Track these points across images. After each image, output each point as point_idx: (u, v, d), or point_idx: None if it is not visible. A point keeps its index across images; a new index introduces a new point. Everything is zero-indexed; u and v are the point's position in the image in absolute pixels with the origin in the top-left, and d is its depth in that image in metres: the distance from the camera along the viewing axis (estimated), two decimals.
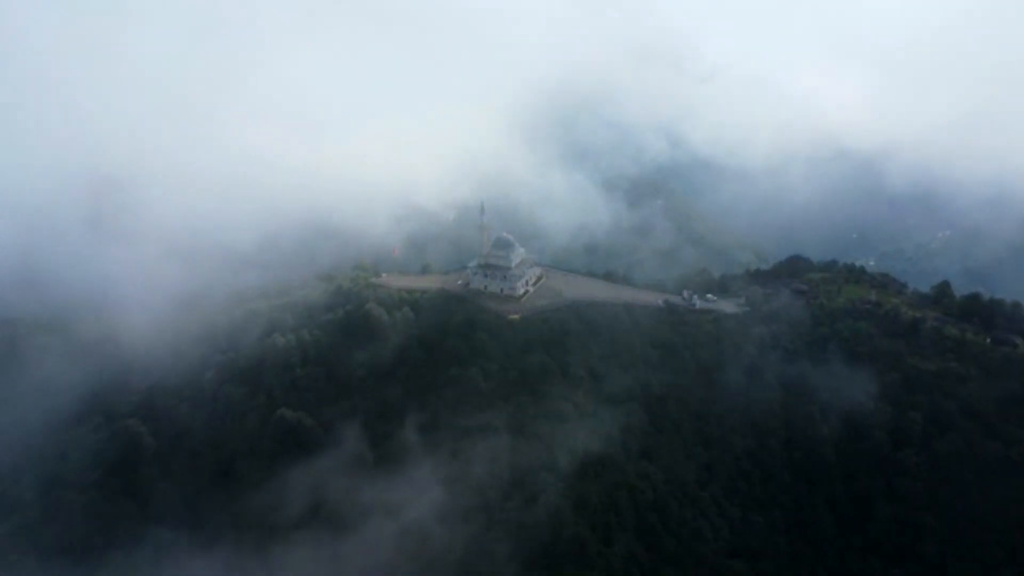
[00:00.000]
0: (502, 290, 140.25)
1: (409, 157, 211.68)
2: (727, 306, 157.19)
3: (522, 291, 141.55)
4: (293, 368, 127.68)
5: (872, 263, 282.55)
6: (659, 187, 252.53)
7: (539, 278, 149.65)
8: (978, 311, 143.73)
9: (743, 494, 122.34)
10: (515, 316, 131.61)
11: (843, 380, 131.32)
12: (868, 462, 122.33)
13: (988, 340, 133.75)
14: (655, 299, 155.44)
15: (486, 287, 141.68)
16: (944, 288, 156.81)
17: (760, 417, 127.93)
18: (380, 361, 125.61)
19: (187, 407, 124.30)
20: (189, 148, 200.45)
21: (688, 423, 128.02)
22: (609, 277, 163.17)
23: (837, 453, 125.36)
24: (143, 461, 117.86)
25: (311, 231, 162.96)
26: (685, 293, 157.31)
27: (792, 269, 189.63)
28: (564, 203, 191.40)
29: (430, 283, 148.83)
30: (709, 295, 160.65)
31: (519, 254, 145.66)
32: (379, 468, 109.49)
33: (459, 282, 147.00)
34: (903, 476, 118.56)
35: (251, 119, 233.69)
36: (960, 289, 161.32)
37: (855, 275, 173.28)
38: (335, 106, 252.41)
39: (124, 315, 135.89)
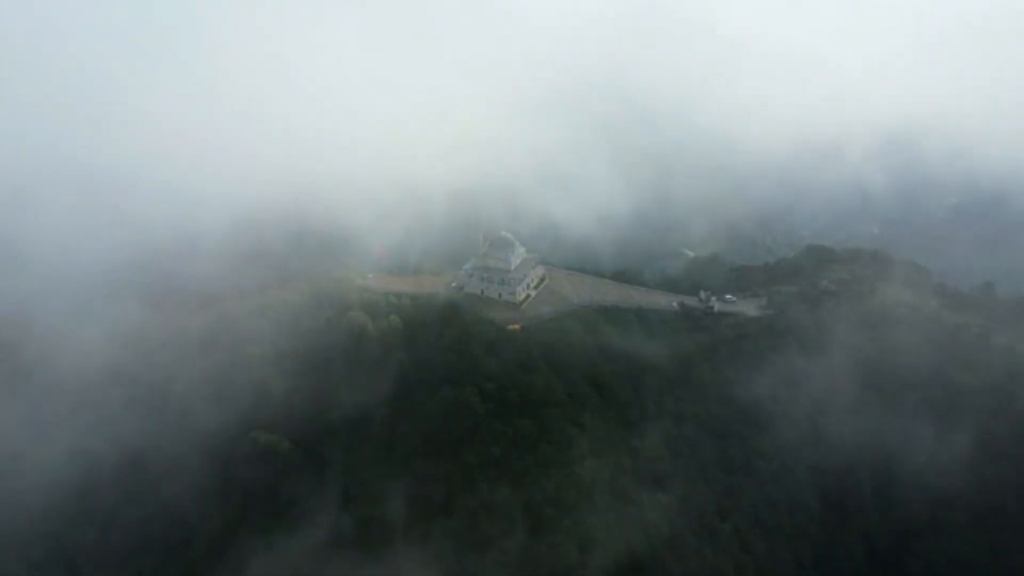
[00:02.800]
0: (500, 295, 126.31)
1: (405, 139, 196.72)
2: (748, 308, 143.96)
3: (523, 296, 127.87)
4: (268, 383, 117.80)
5: (876, 230, 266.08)
6: (678, 171, 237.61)
7: (541, 280, 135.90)
8: None
9: (768, 525, 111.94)
10: (515, 326, 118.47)
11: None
12: (908, 490, 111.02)
13: None
14: (669, 301, 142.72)
15: (483, 291, 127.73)
16: (987, 290, 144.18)
17: (786, 439, 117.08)
18: (363, 378, 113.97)
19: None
20: (151, 128, 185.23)
21: (707, 445, 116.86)
22: (619, 276, 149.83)
23: (872, 480, 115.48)
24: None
25: (292, 222, 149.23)
26: (702, 294, 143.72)
27: (815, 261, 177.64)
28: (576, 191, 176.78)
29: (422, 286, 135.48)
30: (728, 295, 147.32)
31: (519, 254, 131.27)
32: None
33: (453, 284, 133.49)
34: (947, 506, 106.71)
35: (220, 95, 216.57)
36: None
37: (885, 269, 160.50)
38: (321, 80, 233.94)
39: (69, 317, 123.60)
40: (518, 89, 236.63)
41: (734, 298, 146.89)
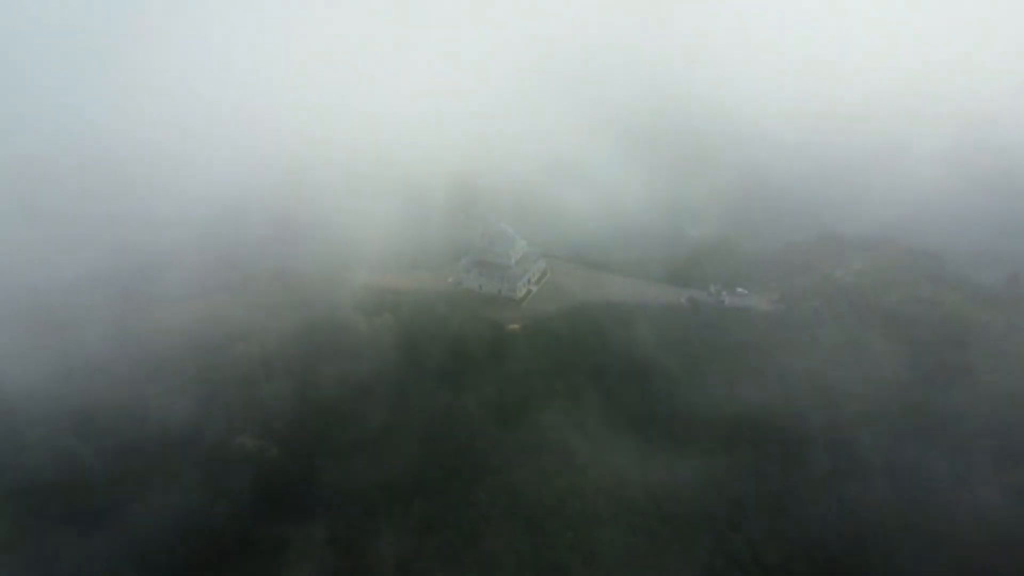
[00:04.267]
0: (500, 291, 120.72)
1: (400, 125, 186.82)
2: (760, 302, 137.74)
3: (523, 292, 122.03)
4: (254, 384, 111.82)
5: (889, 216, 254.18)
6: (692, 155, 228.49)
7: (543, 275, 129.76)
8: None
9: (784, 536, 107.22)
10: (515, 326, 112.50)
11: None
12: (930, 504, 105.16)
13: None
14: (678, 296, 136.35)
15: (481, 287, 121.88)
16: (1014, 282, 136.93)
17: (802, 444, 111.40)
18: (355, 379, 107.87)
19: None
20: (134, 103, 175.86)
21: (716, 451, 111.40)
22: (625, 268, 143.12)
23: (893, 487, 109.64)
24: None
25: (281, 215, 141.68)
26: (712, 288, 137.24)
27: (828, 250, 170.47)
28: (582, 179, 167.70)
29: (418, 282, 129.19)
30: (740, 289, 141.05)
31: (519, 248, 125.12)
32: None
33: (450, 280, 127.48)
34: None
35: (207, 70, 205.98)
36: None
37: (902, 259, 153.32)
38: (313, 65, 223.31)
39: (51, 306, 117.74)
40: (521, 72, 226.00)
41: (745, 291, 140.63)
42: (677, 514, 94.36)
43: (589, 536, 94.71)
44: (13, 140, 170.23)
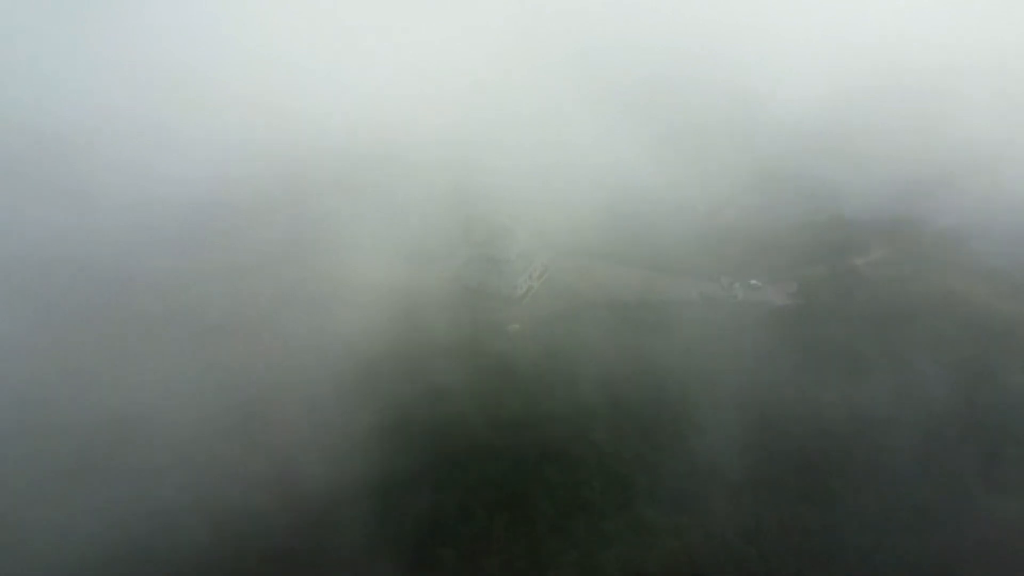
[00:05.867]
0: (499, 288, 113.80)
1: (389, 99, 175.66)
2: (776, 295, 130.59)
3: (523, 289, 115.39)
4: None
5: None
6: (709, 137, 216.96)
7: (545, 269, 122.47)
8: None
9: (798, 550, 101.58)
10: (515, 326, 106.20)
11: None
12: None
13: None
14: (688, 290, 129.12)
15: (479, 284, 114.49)
16: None
17: (823, 454, 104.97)
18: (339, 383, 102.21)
19: None
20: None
21: (728, 463, 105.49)
22: (633, 260, 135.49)
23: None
24: None
25: (263, 201, 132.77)
26: (724, 280, 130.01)
27: (847, 235, 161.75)
28: (590, 163, 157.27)
29: (409, 277, 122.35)
30: (753, 281, 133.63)
31: (520, 241, 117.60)
32: None
33: (445, 275, 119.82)
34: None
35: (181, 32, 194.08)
36: None
37: (927, 247, 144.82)
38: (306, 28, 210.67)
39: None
40: (524, 46, 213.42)
41: (759, 283, 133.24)
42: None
43: (595, 554, 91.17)
44: None
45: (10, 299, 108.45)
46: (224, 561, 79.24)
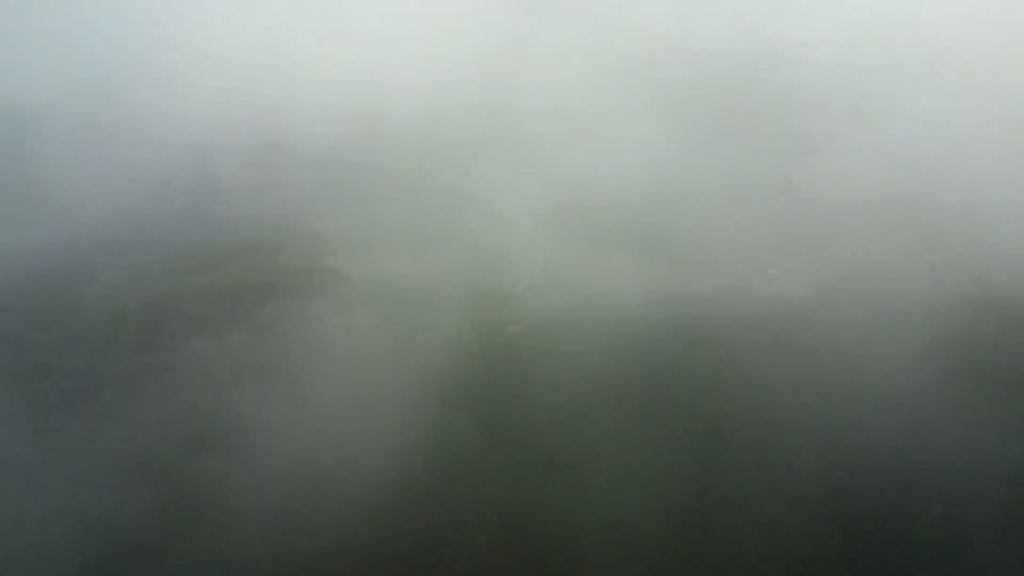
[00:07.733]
0: (498, 283, 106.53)
1: (370, 58, 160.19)
2: (793, 286, 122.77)
3: (525, 284, 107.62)
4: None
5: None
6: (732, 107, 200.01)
7: (548, 261, 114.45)
8: None
9: (807, 558, 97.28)
10: (516, 327, 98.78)
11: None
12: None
13: None
14: (701, 282, 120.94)
15: (475, 278, 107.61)
16: None
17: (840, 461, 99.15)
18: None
19: None
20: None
21: (732, 489, 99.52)
22: (637, 246, 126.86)
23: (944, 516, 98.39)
24: None
25: (235, 169, 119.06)
26: (738, 271, 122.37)
27: (868, 215, 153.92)
28: (601, 138, 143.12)
29: (397, 268, 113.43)
30: (771, 270, 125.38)
31: (521, 229, 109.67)
32: None
33: (438, 267, 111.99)
34: None
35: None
36: None
37: (957, 232, 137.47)
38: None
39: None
40: (527, 8, 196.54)
41: (776, 272, 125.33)
42: None
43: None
44: None
45: None
46: None
